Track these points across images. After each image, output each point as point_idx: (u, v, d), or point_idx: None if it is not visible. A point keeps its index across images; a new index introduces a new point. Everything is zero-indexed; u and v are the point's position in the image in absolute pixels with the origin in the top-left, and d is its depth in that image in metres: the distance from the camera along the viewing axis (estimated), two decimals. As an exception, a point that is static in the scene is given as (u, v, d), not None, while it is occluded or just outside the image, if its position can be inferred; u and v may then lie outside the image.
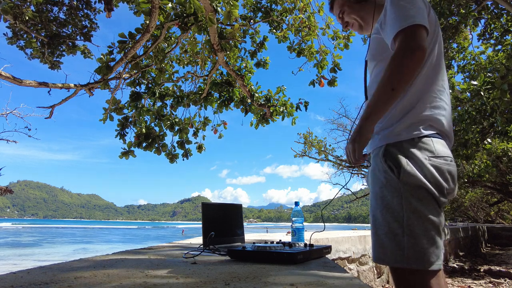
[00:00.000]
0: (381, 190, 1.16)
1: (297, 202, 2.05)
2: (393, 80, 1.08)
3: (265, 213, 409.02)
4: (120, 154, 5.41)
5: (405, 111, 1.17)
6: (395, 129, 1.17)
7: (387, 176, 1.14)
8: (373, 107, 1.12)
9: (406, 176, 1.10)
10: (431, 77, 1.20)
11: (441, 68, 1.23)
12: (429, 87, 1.19)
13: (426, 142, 1.14)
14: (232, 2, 3.62)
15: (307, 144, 16.51)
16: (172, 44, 5.19)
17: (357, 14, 1.42)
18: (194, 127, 6.15)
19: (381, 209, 1.15)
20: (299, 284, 0.99)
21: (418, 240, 1.07)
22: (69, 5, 5.18)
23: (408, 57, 1.06)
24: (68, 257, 16.27)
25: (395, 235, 1.10)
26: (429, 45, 1.19)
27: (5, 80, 4.57)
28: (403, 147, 1.14)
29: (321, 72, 5.44)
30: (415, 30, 1.08)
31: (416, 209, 1.09)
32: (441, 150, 1.14)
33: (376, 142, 1.22)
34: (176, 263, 1.46)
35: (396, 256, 1.09)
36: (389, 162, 1.15)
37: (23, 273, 1.14)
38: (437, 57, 1.22)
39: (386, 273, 5.16)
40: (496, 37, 6.85)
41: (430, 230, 1.08)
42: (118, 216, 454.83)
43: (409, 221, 1.08)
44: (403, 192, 1.10)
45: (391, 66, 1.09)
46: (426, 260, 1.06)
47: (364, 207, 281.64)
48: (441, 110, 1.19)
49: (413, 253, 1.07)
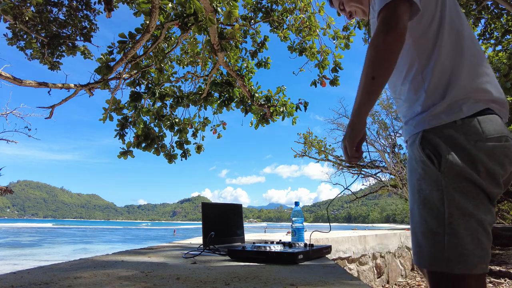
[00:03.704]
0: (418, 183, 1.02)
1: (297, 202, 2.05)
2: (370, 68, 0.99)
3: (265, 213, 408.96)
4: (119, 154, 5.42)
5: (440, 90, 1.02)
6: (432, 111, 1.01)
7: (425, 167, 1.00)
8: (359, 100, 1.04)
9: (448, 167, 0.96)
10: (457, 45, 1.04)
11: (466, 30, 1.08)
12: (459, 56, 1.03)
13: (471, 123, 0.96)
14: (232, 3, 3.62)
15: (307, 144, 16.51)
16: (172, 44, 5.19)
17: (355, 1, 1.36)
18: (193, 127, 6.15)
19: (418, 205, 1.02)
20: (299, 284, 0.99)
21: (461, 240, 0.93)
22: (68, 6, 5.18)
23: (380, 40, 0.96)
24: (68, 257, 16.26)
25: (434, 234, 0.96)
26: (435, 7, 1.05)
27: (5, 80, 4.57)
28: (443, 133, 0.99)
29: (322, 72, 5.44)
30: (393, 7, 0.96)
31: (460, 204, 0.94)
32: (491, 129, 0.96)
33: (411, 128, 1.08)
34: (176, 263, 1.46)
35: (435, 258, 0.96)
36: (427, 150, 1.00)
37: (23, 273, 1.14)
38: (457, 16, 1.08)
39: (386, 273, 5.16)
40: (496, 37, 6.85)
41: (476, 229, 0.94)
42: (118, 216, 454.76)
43: (451, 219, 0.94)
44: (444, 186, 0.96)
45: (368, 53, 0.99)
46: (470, 263, 0.92)
47: (364, 207, 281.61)
48: (483, 77, 1.02)
49: (455, 254, 0.93)
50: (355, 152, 1.10)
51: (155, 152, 5.71)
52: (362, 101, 1.04)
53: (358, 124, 1.07)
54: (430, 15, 1.06)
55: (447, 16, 1.06)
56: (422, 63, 1.06)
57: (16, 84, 4.65)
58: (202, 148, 6.29)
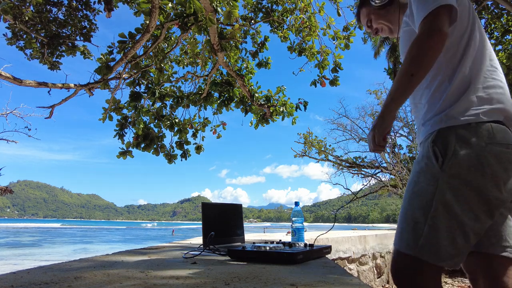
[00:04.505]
0: (417, 175, 1.10)
1: (297, 202, 2.05)
2: (411, 65, 1.06)
3: (265, 213, 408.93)
4: (118, 154, 5.42)
5: (458, 94, 1.10)
6: (449, 113, 1.08)
7: (428, 162, 1.07)
8: (394, 93, 1.11)
9: (449, 167, 1.02)
10: (479, 58, 1.13)
11: (488, 44, 1.18)
12: (479, 68, 1.12)
13: (484, 126, 1.03)
14: (232, 3, 3.62)
15: (307, 144, 16.52)
16: (172, 44, 5.19)
17: (384, 19, 1.42)
18: (193, 128, 6.15)
19: (410, 193, 1.10)
20: (299, 284, 0.99)
21: (438, 234, 1.00)
22: (68, 6, 5.17)
23: (424, 41, 1.04)
24: (68, 257, 16.26)
25: (416, 222, 1.04)
26: (467, 24, 1.15)
27: (5, 80, 4.58)
28: (457, 132, 1.05)
29: (322, 72, 5.44)
30: (437, 13, 1.04)
31: (448, 203, 1.01)
32: (501, 136, 1.03)
33: (428, 128, 1.15)
34: (176, 263, 1.46)
35: (410, 242, 1.04)
36: (435, 148, 1.07)
37: (23, 273, 1.14)
38: (480, 35, 1.17)
39: (386, 273, 5.15)
40: (496, 37, 6.85)
41: (455, 229, 1.00)
42: (118, 216, 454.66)
43: (435, 213, 1.01)
44: (440, 182, 1.03)
45: (409, 52, 1.07)
46: (438, 255, 1.00)
47: (364, 207, 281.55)
48: (496, 89, 1.10)
49: (428, 244, 1.01)
50: (382, 141, 1.16)
51: (154, 152, 5.71)
52: (396, 95, 1.10)
53: (388, 116, 1.13)
54: (461, 29, 1.15)
55: (476, 31, 1.16)
56: (448, 72, 1.14)
57: (16, 84, 4.65)
58: (201, 148, 6.29)
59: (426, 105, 1.18)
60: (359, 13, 1.53)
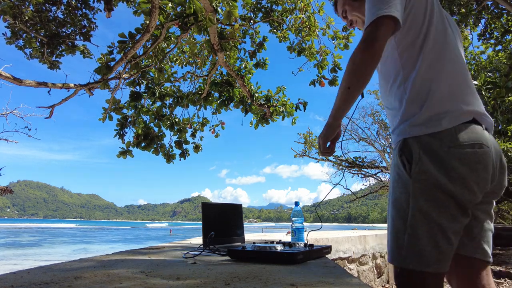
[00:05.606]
0: (392, 185, 1.13)
1: (297, 202, 2.05)
2: (347, 79, 1.09)
3: (265, 213, 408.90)
4: (118, 153, 5.41)
5: (420, 101, 1.09)
6: (413, 122, 1.09)
7: (399, 171, 1.10)
8: (337, 104, 1.16)
9: (416, 173, 1.04)
10: (438, 58, 1.12)
11: (450, 44, 1.15)
12: (441, 69, 1.10)
13: (447, 132, 1.03)
14: (231, 3, 3.62)
15: (307, 144, 16.53)
16: (172, 44, 5.19)
17: (358, 11, 1.42)
18: (192, 127, 6.15)
19: (390, 204, 1.13)
20: (299, 284, 0.99)
21: (419, 241, 1.02)
22: (67, 5, 5.17)
23: (358, 54, 1.06)
24: (68, 257, 16.26)
25: (398, 232, 1.07)
26: (422, 25, 1.13)
27: (5, 80, 4.57)
28: (421, 139, 1.06)
29: (321, 72, 5.44)
30: (376, 23, 1.04)
31: (423, 209, 1.02)
32: (465, 137, 1.02)
33: (395, 137, 1.18)
34: (176, 263, 1.46)
35: (397, 254, 1.06)
36: (403, 156, 1.09)
37: (23, 273, 1.14)
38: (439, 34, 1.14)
39: (386, 273, 5.16)
40: (496, 37, 6.85)
41: (435, 233, 1.01)
42: (118, 216, 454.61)
43: (413, 220, 1.03)
44: (411, 190, 1.04)
45: (347, 66, 1.09)
46: (424, 262, 1.01)
47: (364, 207, 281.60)
48: (461, 88, 1.10)
49: (411, 253, 1.02)
50: (327, 148, 1.27)
51: (154, 151, 5.71)
52: (339, 106, 1.16)
53: (333, 124, 1.22)
54: (416, 31, 1.14)
55: (432, 32, 1.14)
56: (405, 74, 1.14)
57: (16, 84, 4.65)
58: (200, 147, 6.29)
59: (392, 112, 1.20)
60: (336, 3, 1.53)
